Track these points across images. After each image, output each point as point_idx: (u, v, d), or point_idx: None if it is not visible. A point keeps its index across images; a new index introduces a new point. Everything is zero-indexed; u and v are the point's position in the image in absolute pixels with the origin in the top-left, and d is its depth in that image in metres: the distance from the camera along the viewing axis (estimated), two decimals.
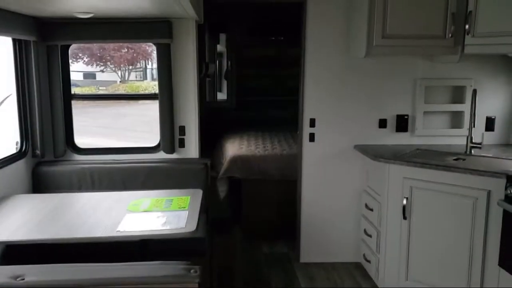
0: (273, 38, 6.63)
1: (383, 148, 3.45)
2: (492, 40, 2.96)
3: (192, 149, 3.46)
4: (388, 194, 3.10)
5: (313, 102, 3.60)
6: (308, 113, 3.62)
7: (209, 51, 6.75)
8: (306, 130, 3.64)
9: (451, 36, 3.06)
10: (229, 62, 6.80)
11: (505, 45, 2.92)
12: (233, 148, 4.81)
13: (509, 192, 2.55)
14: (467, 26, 3.03)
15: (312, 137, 3.65)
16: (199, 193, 2.80)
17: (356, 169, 3.63)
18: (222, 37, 6.94)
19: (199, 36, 3.47)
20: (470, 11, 3.01)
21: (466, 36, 3.05)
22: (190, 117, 3.42)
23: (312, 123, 3.63)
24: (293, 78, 3.73)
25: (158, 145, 3.48)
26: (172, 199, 2.69)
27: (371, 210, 3.33)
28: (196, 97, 3.42)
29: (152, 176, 3.31)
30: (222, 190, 4.38)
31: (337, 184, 3.68)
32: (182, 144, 3.45)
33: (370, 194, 3.41)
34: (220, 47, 7.08)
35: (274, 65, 6.57)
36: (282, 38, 6.53)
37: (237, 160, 4.40)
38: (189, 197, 2.72)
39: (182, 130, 3.43)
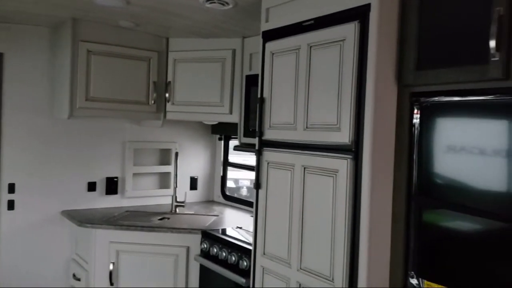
0: None
1: (93, 212, 3.33)
2: (189, 108, 3.31)
3: None
4: (95, 261, 2.96)
5: (13, 165, 3.21)
6: (6, 177, 3.20)
7: None
8: (4, 196, 3.19)
9: (154, 103, 3.28)
10: None
11: (199, 113, 3.31)
12: None
13: (203, 246, 2.80)
14: (167, 95, 3.31)
15: (11, 205, 3.22)
16: None
17: (65, 237, 3.36)
18: None
19: None
20: (169, 81, 3.31)
21: (167, 103, 3.33)
22: None
23: (12, 188, 3.22)
24: None
25: None
26: None
27: (79, 280, 3.10)
28: None
29: None
30: None
31: (43, 257, 3.30)
32: None
33: (78, 262, 3.19)
34: None
35: None
36: None
37: None
38: None
39: None
